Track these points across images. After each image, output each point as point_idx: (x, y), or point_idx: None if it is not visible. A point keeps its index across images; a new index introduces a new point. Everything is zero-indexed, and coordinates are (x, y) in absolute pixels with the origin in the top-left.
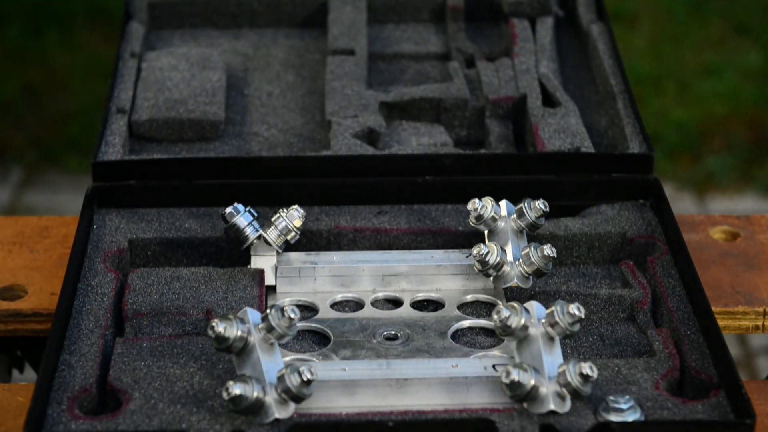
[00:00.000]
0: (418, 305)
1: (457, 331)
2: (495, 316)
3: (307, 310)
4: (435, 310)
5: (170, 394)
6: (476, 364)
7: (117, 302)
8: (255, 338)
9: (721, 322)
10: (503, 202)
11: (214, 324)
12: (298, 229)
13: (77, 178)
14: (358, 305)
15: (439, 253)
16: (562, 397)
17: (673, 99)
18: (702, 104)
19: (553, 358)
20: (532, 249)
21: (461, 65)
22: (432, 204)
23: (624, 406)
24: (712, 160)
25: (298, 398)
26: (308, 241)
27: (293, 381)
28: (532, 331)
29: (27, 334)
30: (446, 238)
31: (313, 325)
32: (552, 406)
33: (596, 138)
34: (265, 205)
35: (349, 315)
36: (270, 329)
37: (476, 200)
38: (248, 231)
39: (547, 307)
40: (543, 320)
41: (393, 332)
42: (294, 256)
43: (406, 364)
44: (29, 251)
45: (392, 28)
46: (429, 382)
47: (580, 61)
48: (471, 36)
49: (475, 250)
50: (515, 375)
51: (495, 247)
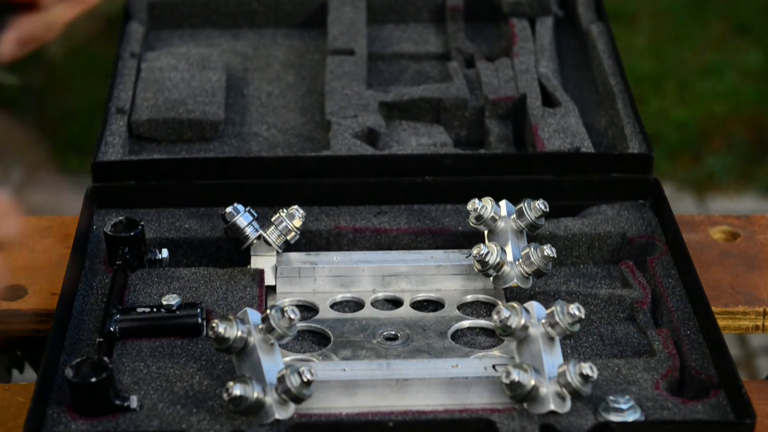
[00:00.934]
0: (418, 305)
1: (457, 331)
2: (495, 317)
3: (307, 310)
4: (435, 310)
5: (170, 395)
6: (476, 364)
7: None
8: (255, 339)
9: (721, 322)
10: (503, 203)
11: (214, 324)
12: (297, 229)
13: (77, 178)
14: (358, 305)
15: (439, 254)
16: (562, 398)
17: (673, 99)
18: (702, 104)
19: (553, 359)
20: (532, 249)
21: (461, 65)
22: (432, 204)
23: (624, 406)
24: (712, 160)
25: (298, 399)
26: (308, 241)
27: (293, 382)
28: (532, 331)
29: (27, 334)
30: (446, 239)
31: (313, 325)
32: (552, 407)
33: (596, 138)
34: (265, 206)
35: (349, 315)
36: (270, 330)
37: (476, 200)
38: (248, 231)
39: (547, 308)
40: (543, 320)
41: (393, 332)
42: (294, 256)
43: (406, 364)
44: (29, 251)
45: (392, 28)
46: (429, 383)
47: (579, 61)
48: (471, 36)
49: (474, 251)
50: (515, 375)
51: (495, 248)
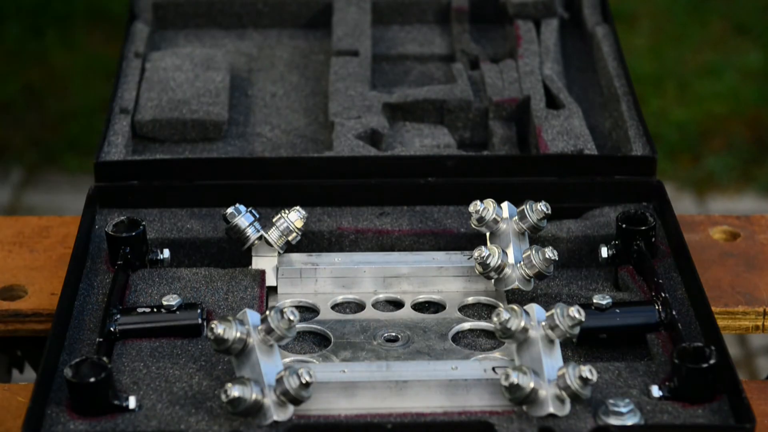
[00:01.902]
0: (419, 307)
1: (458, 333)
2: (495, 319)
3: (308, 311)
4: (436, 311)
5: (169, 395)
6: (476, 366)
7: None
8: (254, 340)
9: (721, 322)
10: (505, 204)
11: (213, 325)
12: (299, 230)
13: (77, 178)
14: (359, 307)
15: (440, 255)
16: (561, 400)
17: (673, 99)
18: (702, 104)
19: (552, 361)
20: (534, 252)
21: (465, 67)
22: (434, 205)
23: (624, 410)
24: (712, 160)
25: (296, 401)
26: (310, 242)
27: (292, 383)
28: (531, 333)
29: (27, 334)
30: (448, 240)
31: (314, 326)
32: (551, 409)
33: (600, 140)
34: (267, 206)
35: (350, 316)
36: (269, 331)
37: (478, 202)
38: (249, 232)
39: (548, 310)
40: (543, 323)
41: (394, 334)
42: (295, 257)
43: (406, 366)
44: (29, 251)
45: (396, 30)
46: (428, 384)
47: (584, 63)
48: (475, 38)
49: (476, 253)
50: (515, 378)
51: (496, 250)
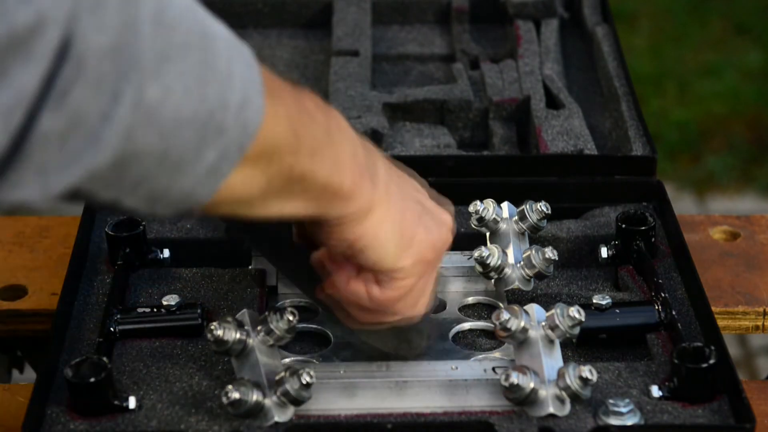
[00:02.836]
0: None
1: (458, 333)
2: (494, 319)
3: (308, 311)
4: (436, 312)
5: (169, 395)
6: (476, 366)
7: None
8: (254, 341)
9: (721, 322)
10: (505, 204)
11: (212, 327)
12: None
13: None
14: None
15: None
16: (561, 401)
17: (673, 99)
18: (702, 104)
19: (552, 361)
20: (534, 251)
21: (465, 67)
22: None
23: (624, 410)
24: (712, 160)
25: (297, 401)
26: None
27: (292, 384)
28: (531, 333)
29: (27, 334)
30: None
31: (314, 326)
32: (551, 409)
33: (600, 140)
34: None
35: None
36: (269, 332)
37: (478, 202)
38: None
39: (548, 310)
40: (543, 323)
41: None
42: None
43: (406, 366)
44: (29, 251)
45: (397, 30)
46: (428, 385)
47: (585, 63)
48: (475, 38)
49: (476, 253)
50: (514, 378)
51: (496, 250)
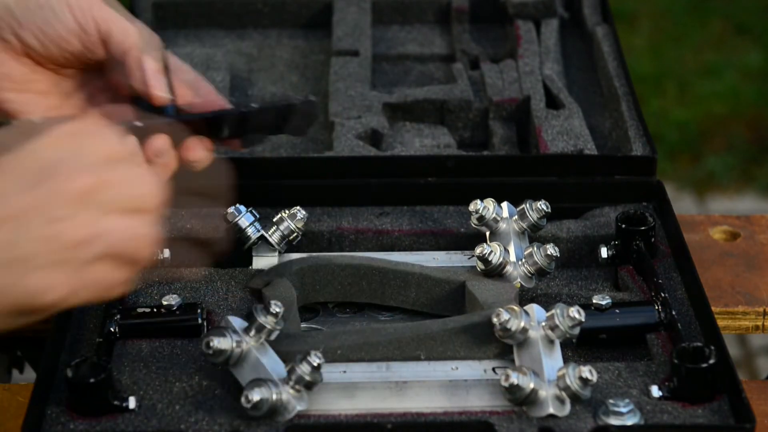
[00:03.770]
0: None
1: None
2: (494, 319)
3: (308, 311)
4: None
5: (169, 395)
6: (476, 366)
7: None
8: (248, 344)
9: (721, 322)
10: (505, 204)
11: (209, 341)
12: (299, 230)
13: None
14: (360, 306)
15: (440, 255)
16: (561, 401)
17: (673, 99)
18: (702, 104)
19: (552, 362)
20: (535, 248)
21: (465, 67)
22: (434, 205)
23: (624, 410)
24: (712, 160)
25: (311, 384)
26: (310, 242)
27: (304, 369)
28: (531, 334)
29: (27, 334)
30: (448, 240)
31: (314, 326)
32: (551, 410)
33: (600, 140)
34: (268, 206)
35: (350, 316)
36: (260, 329)
37: (478, 201)
38: (250, 231)
39: (548, 310)
40: (543, 323)
41: None
42: (295, 257)
43: (406, 366)
44: None
45: (397, 29)
46: (428, 385)
47: (585, 63)
48: (475, 38)
49: (478, 250)
50: (514, 378)
51: (498, 247)
